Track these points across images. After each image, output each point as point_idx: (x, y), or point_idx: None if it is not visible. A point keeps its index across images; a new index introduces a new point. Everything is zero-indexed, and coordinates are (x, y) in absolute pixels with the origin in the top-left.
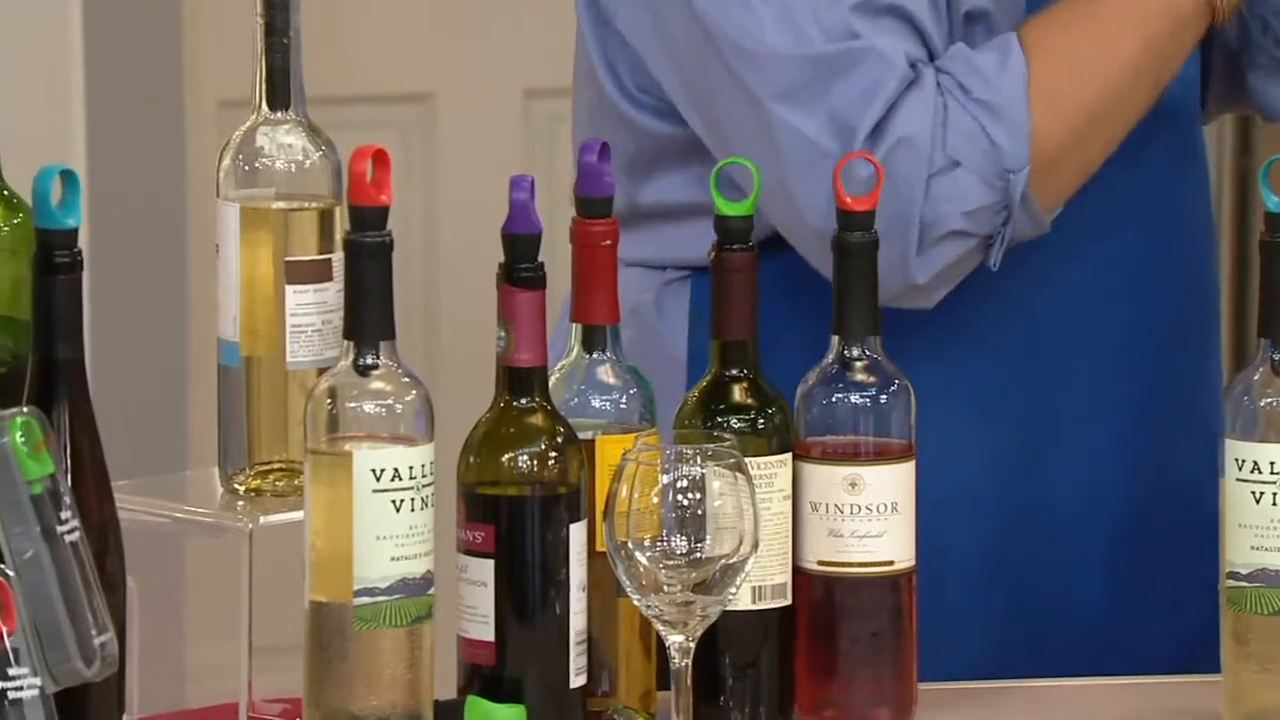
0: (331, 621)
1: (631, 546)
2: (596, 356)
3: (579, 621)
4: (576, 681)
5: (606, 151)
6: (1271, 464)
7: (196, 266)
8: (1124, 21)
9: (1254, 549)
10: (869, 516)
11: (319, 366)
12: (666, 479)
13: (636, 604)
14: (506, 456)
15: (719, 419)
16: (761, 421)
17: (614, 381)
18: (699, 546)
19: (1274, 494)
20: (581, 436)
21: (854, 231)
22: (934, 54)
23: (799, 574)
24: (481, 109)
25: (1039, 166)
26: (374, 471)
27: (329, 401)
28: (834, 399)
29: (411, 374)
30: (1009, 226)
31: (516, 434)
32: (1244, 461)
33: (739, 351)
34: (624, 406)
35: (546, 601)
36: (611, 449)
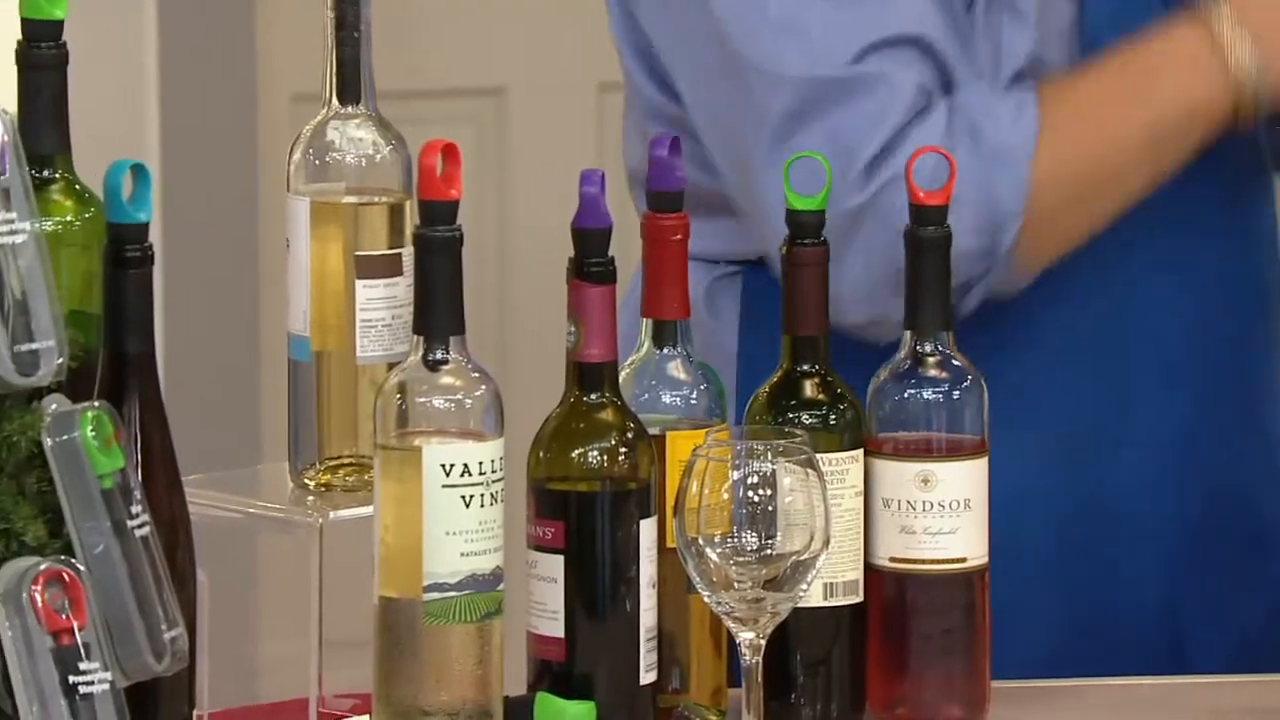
0: (401, 617)
1: (702, 543)
2: (667, 351)
3: (649, 618)
4: (646, 678)
5: (678, 145)
6: None
7: (268, 261)
8: (1135, 100)
9: None
10: (941, 513)
11: (389, 361)
12: (737, 475)
13: (707, 601)
14: (576, 452)
15: (790, 415)
16: (833, 417)
17: (684, 377)
18: (770, 543)
19: None
20: (652, 432)
21: (926, 226)
22: (953, 84)
23: (871, 571)
24: (554, 103)
25: (1029, 223)
26: (443, 467)
27: (398, 397)
28: (906, 395)
29: (481, 369)
30: (987, 278)
31: (586, 429)
32: None
33: (810, 347)
34: (694, 402)
35: (616, 598)
36: (682, 444)
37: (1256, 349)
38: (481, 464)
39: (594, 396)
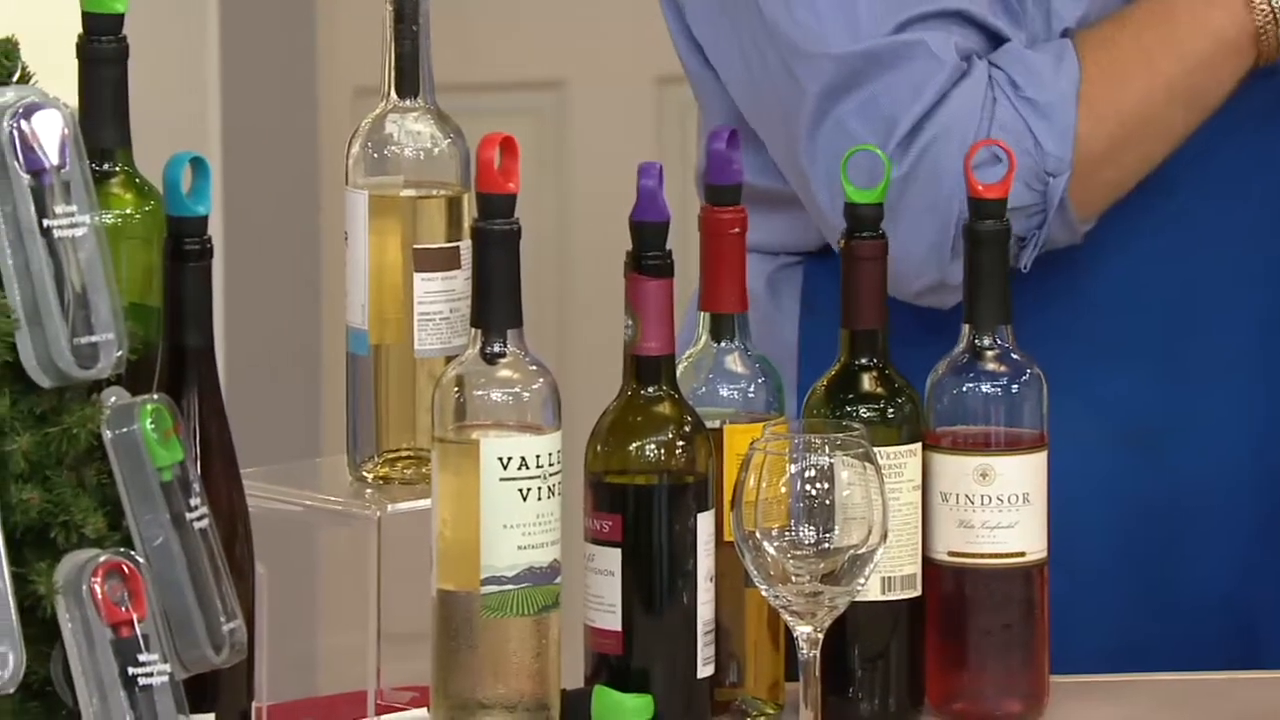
0: (459, 610)
1: (759, 536)
2: (724, 345)
3: (706, 611)
4: (704, 672)
5: (736, 139)
6: None
7: (329, 254)
8: (1164, 40)
9: None
10: (1000, 507)
11: (447, 354)
12: (794, 468)
13: (764, 594)
14: (634, 445)
15: (848, 408)
16: (891, 411)
17: (742, 370)
18: (827, 537)
19: None
20: (709, 425)
21: (985, 219)
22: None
23: (929, 565)
24: (614, 96)
25: (1079, 172)
26: (501, 460)
27: (456, 390)
28: (965, 388)
29: (539, 362)
30: (1043, 230)
31: (644, 423)
32: None
33: (868, 340)
34: (752, 395)
35: (674, 591)
36: (739, 438)
37: None
38: (539, 457)
39: (651, 390)
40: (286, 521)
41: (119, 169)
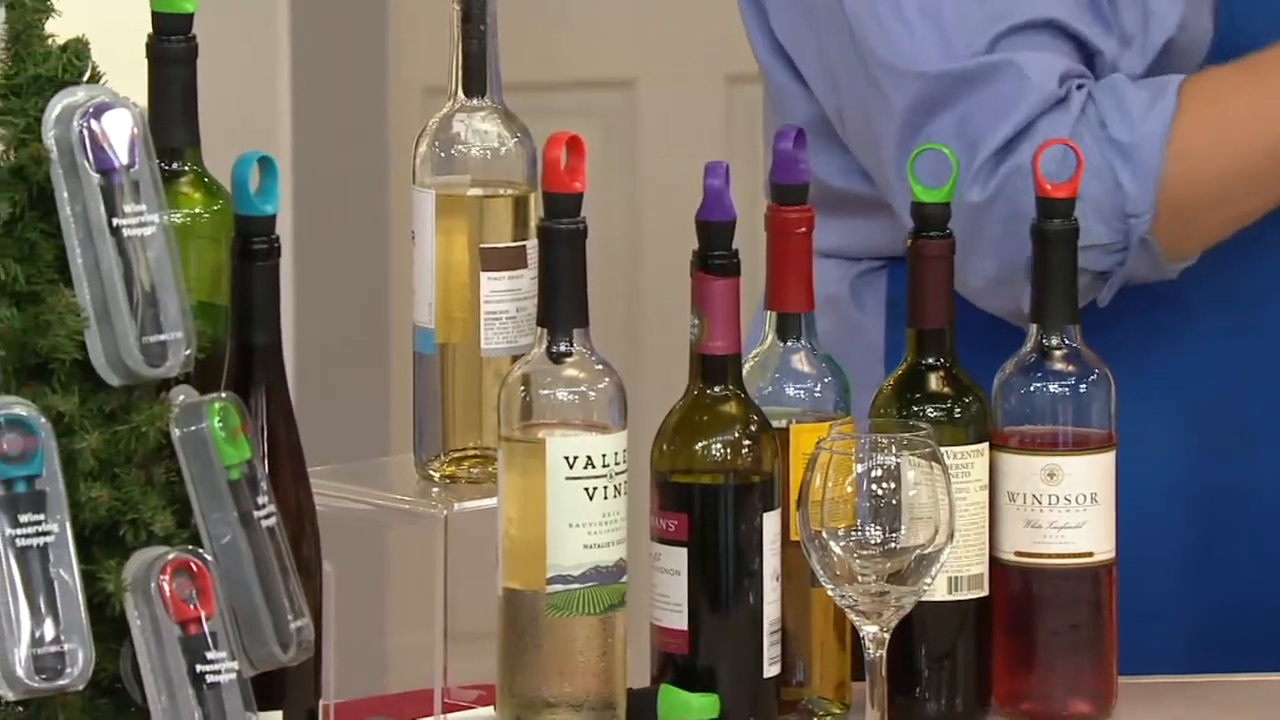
0: (525, 609)
1: (825, 536)
2: (791, 344)
3: (772, 611)
4: (770, 671)
5: (802, 138)
6: None
7: (398, 253)
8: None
9: None
10: (1068, 507)
11: (513, 354)
12: (861, 468)
13: (830, 594)
14: (700, 444)
15: (915, 408)
16: (958, 410)
17: (808, 370)
18: (894, 536)
19: None
20: (775, 425)
21: (1053, 219)
22: (1097, 59)
23: (996, 565)
24: (683, 95)
25: (1164, 216)
26: (567, 459)
27: (522, 389)
28: (1032, 388)
29: (605, 361)
30: (1125, 266)
31: (710, 422)
32: None
33: (935, 340)
34: (818, 395)
35: (740, 591)
36: (805, 437)
37: None
38: (605, 456)
39: (717, 389)
40: (354, 520)
41: (188, 168)
